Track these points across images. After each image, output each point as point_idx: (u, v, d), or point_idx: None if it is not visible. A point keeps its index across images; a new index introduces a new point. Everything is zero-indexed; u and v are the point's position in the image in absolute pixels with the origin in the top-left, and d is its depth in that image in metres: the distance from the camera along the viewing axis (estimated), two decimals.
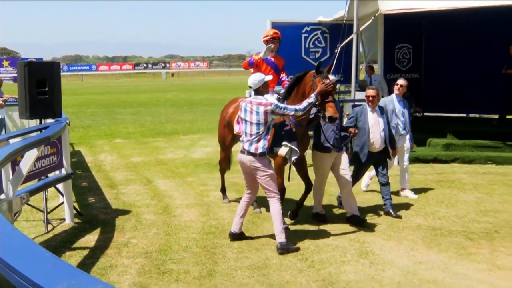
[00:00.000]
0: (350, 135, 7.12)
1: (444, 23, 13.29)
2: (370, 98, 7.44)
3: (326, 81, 6.26)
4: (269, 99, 6.26)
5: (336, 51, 11.70)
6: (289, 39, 8.22)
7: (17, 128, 12.02)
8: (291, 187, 7.76)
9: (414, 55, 15.02)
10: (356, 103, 11.08)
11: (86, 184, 9.73)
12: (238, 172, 9.16)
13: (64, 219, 7.27)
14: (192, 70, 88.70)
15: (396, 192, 8.44)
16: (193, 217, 7.44)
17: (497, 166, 10.85)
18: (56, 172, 7.34)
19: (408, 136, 8.42)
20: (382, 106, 7.76)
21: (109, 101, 32.07)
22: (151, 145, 14.50)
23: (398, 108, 8.26)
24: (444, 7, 10.70)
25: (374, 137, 7.38)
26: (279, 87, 7.98)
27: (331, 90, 6.32)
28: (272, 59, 7.72)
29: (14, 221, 5.43)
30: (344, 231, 6.76)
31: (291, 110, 6.04)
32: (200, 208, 7.94)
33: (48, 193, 7.31)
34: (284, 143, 6.29)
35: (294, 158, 6.35)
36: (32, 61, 8.63)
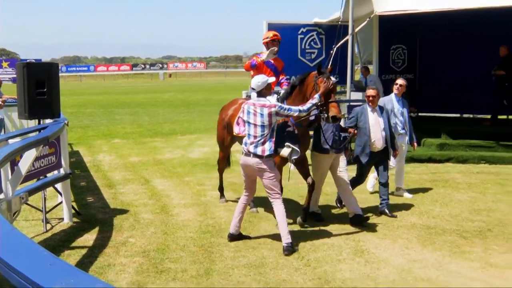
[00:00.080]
0: (349, 136, 7.08)
1: (438, 24, 13.32)
2: (371, 98, 7.39)
3: (329, 81, 6.25)
4: (271, 100, 6.26)
5: (331, 52, 11.72)
6: (285, 40, 8.23)
7: (16, 129, 12.00)
8: (289, 187, 7.78)
9: (408, 56, 15.02)
10: (351, 104, 11.09)
11: (84, 183, 9.72)
12: (236, 172, 9.19)
13: (62, 219, 7.27)
14: (189, 71, 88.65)
15: (391, 192, 8.45)
16: (190, 217, 7.44)
17: (490, 165, 10.88)
18: (55, 172, 7.34)
19: (407, 136, 8.41)
20: (382, 105, 7.74)
21: (108, 102, 32.02)
22: (149, 145, 14.49)
23: (397, 107, 8.25)
24: (438, 9, 10.73)
25: (375, 137, 7.34)
26: (277, 88, 7.96)
27: (333, 90, 6.32)
28: (272, 61, 7.65)
29: (13, 221, 5.42)
30: (340, 230, 6.76)
31: (295, 111, 6.00)
32: (197, 207, 7.94)
33: (47, 193, 7.33)
34: (287, 144, 6.30)
35: (294, 158, 6.36)
36: (31, 62, 8.64)
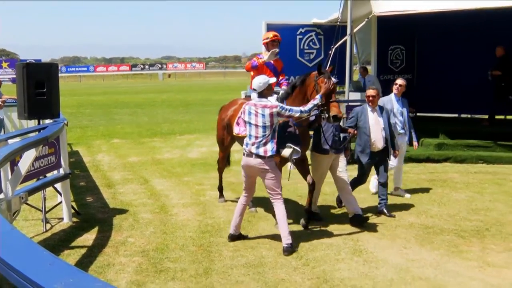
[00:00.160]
0: (349, 136, 7.06)
1: (436, 25, 13.31)
2: (371, 98, 7.37)
3: (330, 82, 6.23)
4: (272, 100, 6.24)
5: (330, 52, 11.72)
6: (284, 41, 8.22)
7: (15, 129, 11.99)
8: (288, 186, 7.77)
9: (407, 56, 15.04)
10: (350, 104, 11.09)
11: (84, 183, 9.71)
12: (234, 172, 9.18)
13: (62, 218, 7.26)
14: (188, 71, 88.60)
15: (389, 192, 8.44)
16: (189, 216, 7.43)
17: (488, 165, 10.88)
18: (54, 172, 7.33)
19: (406, 136, 8.41)
20: (382, 105, 7.70)
21: (107, 102, 32.00)
22: (148, 145, 14.49)
23: (397, 107, 8.24)
24: (436, 9, 10.72)
25: (375, 136, 7.32)
26: (276, 88, 7.93)
27: (334, 90, 6.30)
28: (272, 62, 7.61)
29: (13, 220, 5.41)
30: (338, 229, 6.76)
31: (296, 112, 5.97)
32: (196, 207, 7.94)
33: (46, 193, 7.31)
34: (288, 145, 6.28)
35: (294, 158, 6.36)
36: (31, 62, 8.60)
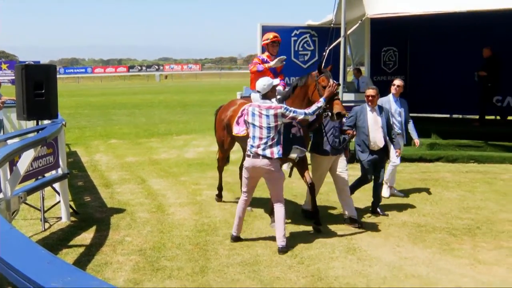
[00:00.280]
0: (348, 137, 7.02)
1: (429, 27, 13.34)
2: (370, 98, 7.33)
3: (331, 80, 6.23)
4: (274, 101, 6.21)
5: (324, 54, 11.70)
6: None
7: (15, 129, 11.95)
8: (286, 186, 7.77)
9: (399, 58, 15.06)
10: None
11: (82, 183, 9.70)
12: (230, 172, 9.18)
13: (60, 218, 7.25)
14: (185, 72, 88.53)
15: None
16: (186, 215, 7.43)
17: (479, 164, 10.92)
18: (53, 172, 7.33)
19: (404, 136, 8.42)
20: (381, 105, 7.64)
21: (104, 103, 31.94)
22: (145, 145, 14.47)
23: (395, 107, 8.23)
24: (428, 12, 10.75)
25: (375, 136, 7.29)
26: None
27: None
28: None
29: (12, 220, 5.41)
30: (333, 228, 6.78)
31: (300, 114, 5.93)
32: (192, 206, 7.94)
33: (45, 193, 7.30)
34: (294, 147, 6.29)
35: (299, 157, 6.39)
36: (30, 64, 8.59)
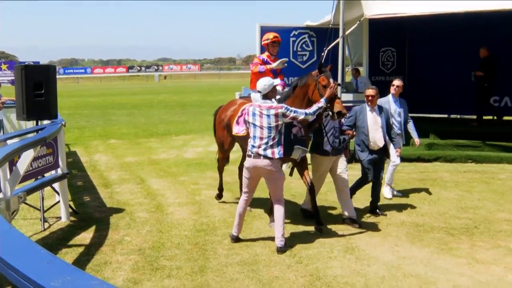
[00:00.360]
0: (348, 138, 6.98)
1: (426, 27, 13.33)
2: (370, 98, 7.29)
3: (331, 80, 6.22)
4: (274, 101, 6.18)
5: (323, 54, 11.69)
6: None
7: (14, 130, 11.93)
8: (285, 186, 7.75)
9: (397, 58, 15.06)
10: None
11: (81, 183, 9.68)
12: (229, 171, 9.16)
13: (60, 218, 7.24)
14: (184, 73, 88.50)
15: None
16: (185, 215, 7.42)
17: (476, 164, 10.92)
18: (52, 172, 7.32)
19: (403, 137, 8.41)
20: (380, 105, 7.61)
21: (104, 103, 31.92)
22: (145, 145, 14.45)
23: (394, 108, 8.20)
24: (426, 12, 10.75)
25: (374, 136, 7.26)
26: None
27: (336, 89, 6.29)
28: (272, 63, 7.46)
29: (11, 220, 5.40)
30: (331, 227, 6.77)
31: (301, 114, 5.91)
32: (191, 206, 7.93)
33: (44, 192, 7.29)
34: (296, 146, 6.28)
35: (301, 156, 6.40)
36: (29, 64, 8.60)
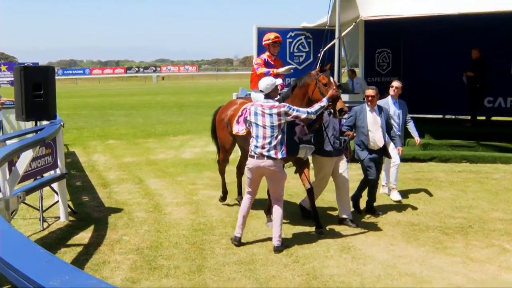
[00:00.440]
0: (348, 138, 6.94)
1: (422, 29, 13.38)
2: (370, 98, 7.27)
3: (331, 78, 6.24)
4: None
5: (319, 55, 11.73)
6: None
7: (13, 130, 11.93)
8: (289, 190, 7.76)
9: (393, 59, 15.07)
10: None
11: (80, 183, 9.68)
12: (228, 172, 9.13)
13: (59, 217, 7.24)
14: (181, 74, 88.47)
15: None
16: (182, 215, 7.43)
17: (471, 164, 10.93)
18: (51, 172, 7.32)
19: (402, 138, 8.41)
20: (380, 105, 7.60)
21: (102, 104, 31.88)
22: (143, 145, 14.43)
23: (393, 109, 8.17)
24: (421, 14, 10.78)
25: (374, 136, 7.25)
26: None
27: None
28: (272, 63, 7.46)
29: (11, 219, 5.40)
30: (328, 227, 6.77)
31: (303, 113, 5.88)
32: (189, 206, 7.93)
33: (43, 192, 7.29)
34: (302, 145, 6.28)
35: (307, 155, 6.40)
36: (28, 65, 8.58)
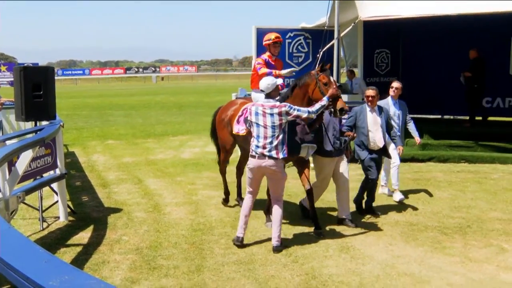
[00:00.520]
0: (348, 139, 6.87)
1: (420, 29, 13.37)
2: (370, 98, 7.25)
3: (331, 78, 6.24)
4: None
5: (318, 55, 11.72)
6: None
7: (13, 130, 11.92)
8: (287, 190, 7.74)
9: (392, 60, 15.05)
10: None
11: (79, 183, 9.67)
12: (227, 172, 9.12)
13: (58, 217, 7.23)
14: (181, 74, 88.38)
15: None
16: (182, 215, 7.42)
17: (469, 164, 10.94)
18: (51, 172, 7.31)
19: (402, 139, 8.41)
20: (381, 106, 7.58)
21: (102, 104, 31.86)
22: (142, 146, 14.42)
23: (393, 110, 8.13)
24: (420, 15, 10.78)
25: (374, 136, 7.24)
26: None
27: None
28: (273, 63, 7.47)
29: (10, 219, 5.40)
30: (327, 227, 6.77)
31: (304, 112, 5.88)
32: (188, 206, 7.92)
33: (43, 192, 7.27)
34: (304, 145, 6.27)
35: (310, 153, 6.40)
36: (28, 66, 8.57)
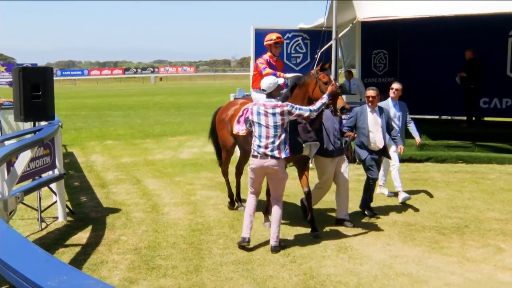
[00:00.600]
0: (349, 139, 6.88)
1: (418, 30, 13.38)
2: (370, 99, 7.25)
3: (331, 77, 6.24)
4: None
5: (316, 56, 11.73)
6: None
7: (12, 131, 11.90)
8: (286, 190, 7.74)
9: (390, 60, 15.05)
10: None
11: (78, 183, 9.66)
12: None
13: (57, 217, 7.23)
14: (179, 75, 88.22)
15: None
16: (180, 215, 7.42)
17: (467, 165, 10.94)
18: (50, 173, 7.30)
19: (402, 140, 8.40)
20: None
21: (100, 105, 31.81)
22: (141, 146, 14.41)
23: (394, 112, 8.11)
24: (418, 15, 10.79)
25: (375, 136, 7.23)
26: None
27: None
28: (274, 64, 7.46)
29: (9, 220, 5.38)
30: (325, 227, 6.78)
31: (305, 111, 5.88)
32: (187, 206, 7.92)
33: (41, 193, 7.27)
34: (307, 143, 6.26)
35: (314, 151, 6.39)
36: (27, 66, 8.57)
